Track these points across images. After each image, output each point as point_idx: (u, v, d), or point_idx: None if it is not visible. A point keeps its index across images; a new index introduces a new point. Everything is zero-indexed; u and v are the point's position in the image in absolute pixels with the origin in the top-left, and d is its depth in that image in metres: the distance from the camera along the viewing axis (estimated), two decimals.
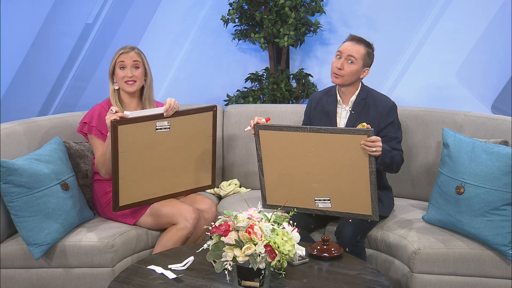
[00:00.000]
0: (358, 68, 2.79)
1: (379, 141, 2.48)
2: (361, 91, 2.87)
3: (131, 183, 2.74)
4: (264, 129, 2.66)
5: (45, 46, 4.24)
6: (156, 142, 2.76)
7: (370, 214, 2.59)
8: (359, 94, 2.86)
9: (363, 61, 2.79)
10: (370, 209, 2.58)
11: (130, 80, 2.91)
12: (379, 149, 2.48)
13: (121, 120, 2.62)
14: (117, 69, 2.91)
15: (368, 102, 2.85)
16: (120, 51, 2.93)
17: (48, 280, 2.70)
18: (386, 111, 2.82)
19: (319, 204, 2.67)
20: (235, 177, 3.48)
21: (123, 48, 2.95)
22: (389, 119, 2.81)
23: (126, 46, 2.96)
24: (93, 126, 2.87)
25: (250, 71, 4.12)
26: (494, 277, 2.60)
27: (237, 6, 3.84)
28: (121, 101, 2.96)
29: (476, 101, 3.91)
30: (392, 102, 2.87)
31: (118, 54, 2.93)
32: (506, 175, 2.54)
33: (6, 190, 2.59)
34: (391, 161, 2.67)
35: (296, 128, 2.61)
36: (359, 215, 2.63)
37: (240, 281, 2.08)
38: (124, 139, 2.65)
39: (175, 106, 2.76)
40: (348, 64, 2.78)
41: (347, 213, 2.64)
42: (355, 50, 2.77)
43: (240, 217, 2.05)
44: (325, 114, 2.92)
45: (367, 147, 2.47)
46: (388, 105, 2.84)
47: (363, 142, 2.47)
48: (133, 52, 2.93)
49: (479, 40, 3.86)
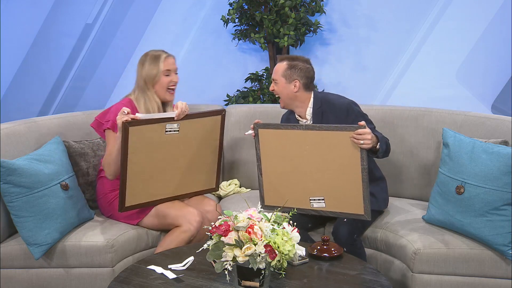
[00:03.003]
0: (282, 85, 2.83)
1: (367, 133, 2.48)
2: (315, 102, 2.86)
3: (139, 184, 2.75)
4: (263, 128, 2.70)
5: (45, 46, 4.24)
6: (165, 144, 2.76)
7: (362, 214, 2.60)
8: (313, 105, 2.86)
9: (285, 77, 2.83)
10: (362, 208, 2.59)
11: (174, 85, 2.92)
12: (368, 141, 2.48)
13: (133, 122, 2.63)
14: (162, 76, 2.89)
15: (325, 109, 2.84)
16: (163, 56, 2.90)
17: (48, 280, 2.70)
18: (344, 112, 2.80)
19: (314, 204, 2.68)
20: (235, 177, 3.48)
21: (160, 51, 2.92)
22: (350, 117, 2.79)
23: (159, 50, 2.93)
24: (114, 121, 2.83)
25: (250, 71, 4.12)
26: (494, 277, 2.60)
27: (237, 6, 3.84)
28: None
29: (476, 101, 3.92)
30: (347, 100, 2.85)
31: (161, 59, 2.89)
32: (506, 175, 2.54)
33: (6, 190, 2.59)
34: (386, 147, 2.69)
35: (292, 126, 2.65)
36: (351, 215, 2.64)
37: (240, 281, 2.08)
38: (134, 140, 2.66)
39: (186, 110, 2.76)
40: (275, 84, 2.86)
41: (340, 212, 2.66)
42: (274, 71, 2.86)
43: (240, 217, 2.05)
44: None
45: (355, 140, 2.49)
46: (344, 105, 2.82)
47: (352, 135, 2.49)
48: (172, 57, 2.94)
49: (479, 40, 3.87)
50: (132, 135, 2.64)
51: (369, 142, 2.49)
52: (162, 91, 2.92)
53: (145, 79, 2.90)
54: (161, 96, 2.93)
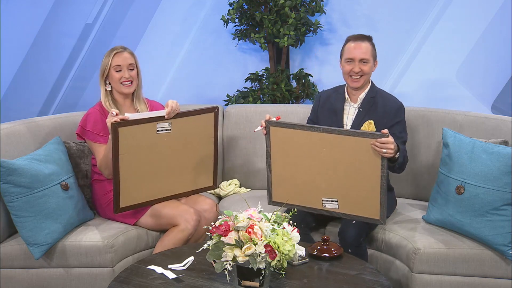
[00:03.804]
0: (371, 64, 2.86)
1: (390, 143, 2.44)
2: (371, 90, 2.89)
3: (132, 184, 2.74)
4: (275, 126, 2.63)
5: (45, 46, 4.23)
6: (157, 143, 2.76)
7: (378, 218, 2.56)
8: (368, 92, 2.88)
9: (373, 57, 2.86)
10: (378, 213, 2.54)
11: (127, 81, 2.91)
12: (390, 151, 2.45)
13: (122, 122, 2.62)
14: (112, 71, 2.90)
15: (377, 100, 2.86)
16: (113, 52, 2.91)
17: (48, 280, 2.70)
18: (393, 111, 2.84)
19: (326, 205, 2.64)
20: (235, 177, 3.48)
21: (114, 48, 2.93)
22: (396, 119, 2.82)
23: (117, 46, 2.95)
24: (88, 131, 2.87)
25: (250, 71, 4.12)
26: (494, 277, 2.60)
27: (237, 6, 3.84)
28: (115, 102, 2.96)
29: (476, 101, 3.91)
30: (400, 102, 2.89)
31: (111, 56, 2.90)
32: (506, 175, 2.54)
33: (6, 190, 2.59)
34: (403, 160, 2.68)
35: (309, 127, 2.58)
36: (366, 219, 2.59)
37: (240, 281, 2.08)
38: (125, 141, 2.65)
39: (176, 108, 2.76)
40: (363, 65, 2.82)
41: (354, 215, 2.61)
42: (365, 51, 2.82)
43: (240, 217, 2.05)
44: (333, 112, 2.92)
45: (377, 148, 2.45)
46: (396, 105, 2.86)
47: (373, 142, 2.44)
48: (127, 53, 2.93)
49: (479, 40, 3.86)
50: (122, 135, 2.63)
51: (391, 152, 2.45)
52: (116, 85, 2.93)
53: (100, 72, 2.94)
54: (118, 89, 2.94)
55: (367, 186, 2.52)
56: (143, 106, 3.01)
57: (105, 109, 2.90)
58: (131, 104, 2.99)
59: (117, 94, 2.96)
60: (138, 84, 2.98)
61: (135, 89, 2.97)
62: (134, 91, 2.98)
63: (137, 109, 2.99)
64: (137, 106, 2.99)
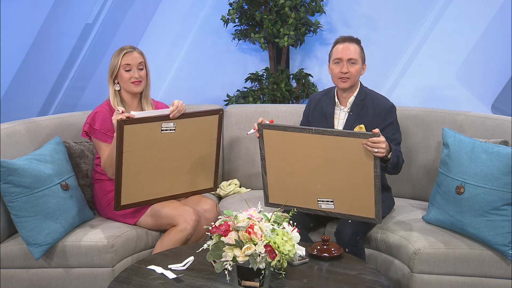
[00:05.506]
0: (359, 67, 2.83)
1: (382, 142, 2.45)
2: (360, 92, 2.87)
3: (134, 182, 2.75)
4: (268, 129, 2.65)
5: (45, 46, 4.23)
6: (161, 143, 2.76)
7: (373, 218, 2.58)
8: (357, 95, 2.86)
9: (361, 58, 2.84)
10: (373, 212, 2.56)
11: (137, 81, 2.91)
12: (382, 150, 2.45)
13: (128, 120, 2.63)
14: (121, 71, 2.90)
15: (367, 103, 2.84)
16: (123, 51, 2.90)
17: (48, 280, 2.70)
18: (384, 112, 2.82)
19: (322, 205, 2.66)
20: (235, 177, 3.48)
21: (124, 48, 2.92)
22: (387, 120, 2.81)
23: (126, 46, 2.95)
24: (96, 129, 2.87)
25: (250, 71, 4.12)
26: (494, 277, 2.60)
27: (237, 6, 3.84)
28: (123, 101, 2.96)
29: (476, 101, 3.91)
30: (390, 103, 2.87)
31: (121, 55, 2.90)
32: (506, 175, 2.54)
33: (6, 190, 2.59)
34: (397, 160, 2.66)
35: (301, 129, 2.59)
36: (362, 218, 2.61)
37: (240, 281, 2.08)
38: (129, 139, 2.66)
39: (182, 109, 2.76)
40: (351, 65, 2.80)
41: (349, 215, 2.63)
42: (353, 52, 2.80)
43: (240, 217, 2.05)
44: (323, 116, 2.92)
45: (368, 148, 2.46)
46: (386, 106, 2.84)
47: (365, 141, 2.45)
48: (136, 52, 2.93)
49: (479, 40, 3.86)
50: (127, 133, 2.64)
51: (383, 151, 2.45)
52: (125, 85, 2.92)
53: (109, 71, 2.93)
54: (127, 89, 2.93)
55: (361, 186, 2.53)
56: (150, 107, 3.01)
57: (113, 109, 2.89)
58: (138, 104, 2.99)
59: (125, 94, 2.96)
60: (146, 84, 2.98)
61: (144, 89, 2.98)
62: (142, 91, 2.98)
63: (144, 109, 2.99)
64: (144, 106, 2.99)
